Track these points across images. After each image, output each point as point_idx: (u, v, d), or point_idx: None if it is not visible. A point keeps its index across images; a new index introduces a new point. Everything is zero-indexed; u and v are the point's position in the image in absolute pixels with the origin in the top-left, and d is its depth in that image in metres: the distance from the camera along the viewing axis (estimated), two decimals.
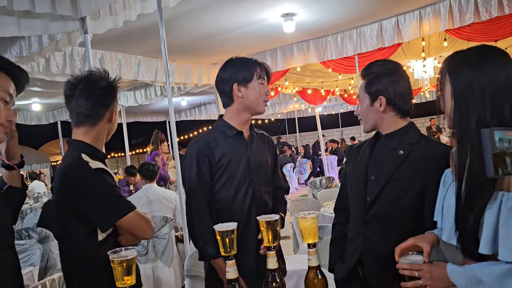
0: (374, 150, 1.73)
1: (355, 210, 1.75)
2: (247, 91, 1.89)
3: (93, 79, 1.67)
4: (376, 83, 1.69)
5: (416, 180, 1.58)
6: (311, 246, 1.48)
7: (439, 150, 1.57)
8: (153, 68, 6.15)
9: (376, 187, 1.64)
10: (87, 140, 1.66)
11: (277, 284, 1.46)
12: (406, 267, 1.30)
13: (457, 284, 1.19)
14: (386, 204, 1.63)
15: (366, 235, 1.67)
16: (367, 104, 1.71)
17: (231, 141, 1.92)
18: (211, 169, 1.88)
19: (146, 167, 4.49)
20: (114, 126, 1.76)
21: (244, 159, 1.90)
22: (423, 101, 13.14)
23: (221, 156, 1.88)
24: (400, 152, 1.63)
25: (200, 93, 8.70)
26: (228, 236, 1.43)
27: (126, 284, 1.20)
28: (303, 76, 8.12)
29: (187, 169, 1.92)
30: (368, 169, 1.70)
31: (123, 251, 1.23)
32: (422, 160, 1.58)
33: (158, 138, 6.30)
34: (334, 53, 6.08)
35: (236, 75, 1.89)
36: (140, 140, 20.49)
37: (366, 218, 1.67)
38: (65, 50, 4.81)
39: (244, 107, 1.92)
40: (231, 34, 5.53)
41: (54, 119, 9.59)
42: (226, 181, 1.89)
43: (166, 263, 4.20)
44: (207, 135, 1.97)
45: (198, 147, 1.89)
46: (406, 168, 1.60)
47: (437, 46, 6.69)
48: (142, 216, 1.61)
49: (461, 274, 1.18)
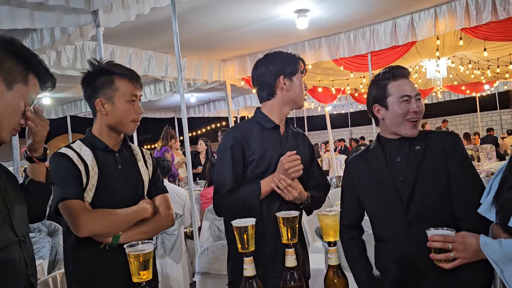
0: (388, 153, 1.73)
1: (390, 218, 1.70)
2: (292, 84, 1.86)
3: (86, 70, 1.73)
4: None
5: (440, 167, 1.65)
6: (331, 245, 1.43)
7: (449, 137, 1.73)
8: (164, 64, 6.13)
9: (409, 185, 1.65)
10: (93, 130, 1.74)
11: (295, 283, 1.41)
12: (439, 239, 1.29)
13: (489, 257, 1.18)
14: (424, 197, 1.63)
15: (415, 235, 1.61)
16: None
17: (266, 135, 1.86)
18: (245, 160, 1.83)
19: (160, 163, 4.46)
20: (115, 118, 1.70)
21: (276, 155, 1.82)
22: (435, 101, 13.00)
23: (254, 149, 1.83)
24: (417, 148, 1.69)
25: (209, 90, 8.67)
26: (245, 232, 1.38)
27: (142, 279, 1.16)
28: (314, 74, 8.05)
29: (220, 158, 1.87)
30: (392, 172, 1.69)
31: (139, 245, 1.19)
32: (439, 149, 1.67)
33: (169, 134, 6.28)
34: (347, 51, 6.01)
35: (283, 67, 1.85)
36: (148, 137, 20.53)
37: (408, 218, 1.64)
38: (76, 44, 4.80)
39: (287, 100, 1.87)
40: (242, 30, 5.48)
41: (64, 114, 9.62)
42: (257, 176, 1.82)
43: (175, 259, 4.17)
44: (243, 125, 1.94)
45: (234, 136, 1.84)
46: (428, 159, 1.67)
47: (452, 45, 6.59)
48: (73, 209, 1.57)
49: (495, 247, 1.17)
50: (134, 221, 1.69)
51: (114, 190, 1.70)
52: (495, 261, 1.16)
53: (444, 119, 14.51)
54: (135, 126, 1.76)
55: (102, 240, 1.63)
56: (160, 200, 1.83)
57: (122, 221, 1.65)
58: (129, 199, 1.72)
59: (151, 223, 1.75)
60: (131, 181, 1.76)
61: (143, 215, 1.72)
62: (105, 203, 1.65)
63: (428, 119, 16.76)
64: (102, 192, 1.67)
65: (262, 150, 1.82)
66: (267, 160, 1.82)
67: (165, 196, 1.87)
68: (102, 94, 1.69)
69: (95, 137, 1.73)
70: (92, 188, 1.65)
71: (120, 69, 1.72)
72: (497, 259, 1.16)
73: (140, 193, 1.79)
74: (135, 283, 1.17)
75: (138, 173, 1.80)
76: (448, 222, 1.60)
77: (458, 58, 8.31)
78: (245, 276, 1.37)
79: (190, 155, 3.98)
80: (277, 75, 1.84)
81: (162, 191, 1.87)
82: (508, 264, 1.13)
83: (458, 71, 9.06)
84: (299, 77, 1.87)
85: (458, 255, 1.24)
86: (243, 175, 1.83)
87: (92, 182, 1.65)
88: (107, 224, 1.62)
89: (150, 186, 1.84)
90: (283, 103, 1.87)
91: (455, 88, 11.36)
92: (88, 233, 1.58)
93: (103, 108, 1.69)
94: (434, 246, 1.31)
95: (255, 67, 1.91)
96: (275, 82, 1.85)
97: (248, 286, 1.37)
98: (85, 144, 1.72)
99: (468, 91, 11.58)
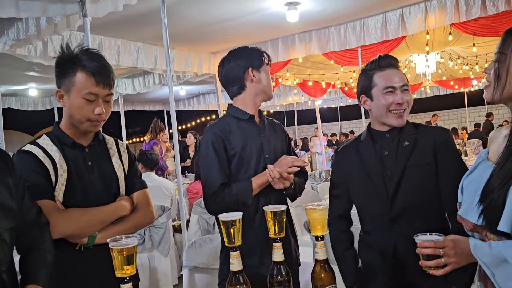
0: (377, 147, 1.72)
1: (374, 212, 1.70)
2: (260, 76, 1.92)
3: (60, 52, 1.61)
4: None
5: (428, 164, 1.63)
6: (319, 239, 1.42)
7: (439, 133, 1.71)
8: (153, 56, 6.05)
9: (395, 181, 1.64)
10: (61, 124, 1.64)
11: (282, 277, 1.40)
12: (429, 245, 1.24)
13: (479, 260, 1.15)
14: (408, 194, 1.62)
15: (398, 232, 1.62)
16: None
17: (244, 126, 1.90)
18: (227, 154, 1.85)
19: (148, 156, 4.41)
20: (70, 113, 1.59)
21: (257, 145, 1.88)
22: (423, 96, 13.08)
23: (235, 142, 1.86)
24: (405, 143, 1.67)
25: (199, 83, 8.60)
26: (232, 226, 1.36)
27: (126, 274, 1.14)
28: (304, 67, 8.04)
29: (204, 155, 1.86)
30: (381, 166, 1.68)
31: (123, 239, 1.16)
32: (427, 144, 1.65)
33: (157, 127, 6.23)
34: (337, 45, 5.99)
35: (251, 61, 1.91)
36: (137, 129, 20.37)
37: (392, 214, 1.64)
38: (63, 34, 4.71)
39: (257, 92, 1.93)
40: (232, 23, 5.43)
41: (51, 105, 9.49)
42: (241, 167, 1.85)
43: (163, 253, 4.15)
44: (221, 120, 1.98)
45: (213, 132, 1.86)
46: (416, 156, 1.65)
47: (442, 40, 6.62)
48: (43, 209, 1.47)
49: (485, 250, 1.14)
50: (110, 219, 1.59)
51: (85, 188, 1.59)
52: (486, 264, 1.13)
53: (434, 114, 14.63)
54: (94, 126, 1.61)
55: (76, 241, 1.54)
56: (138, 196, 1.73)
57: (97, 220, 1.55)
58: (102, 197, 1.61)
59: (129, 221, 1.65)
60: (103, 178, 1.64)
61: (120, 213, 1.63)
62: (77, 202, 1.56)
63: (416, 113, 16.88)
64: (72, 191, 1.56)
65: (243, 141, 1.86)
66: (249, 150, 1.86)
67: (144, 192, 1.76)
68: (63, 84, 1.58)
69: (62, 132, 1.62)
70: (62, 187, 1.54)
71: (88, 61, 1.55)
72: (488, 262, 1.13)
73: (115, 190, 1.67)
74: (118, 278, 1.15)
75: (112, 169, 1.68)
76: (432, 220, 1.62)
77: (447, 53, 8.36)
78: (232, 271, 1.36)
79: (178, 148, 3.95)
80: (246, 68, 1.89)
81: (140, 187, 1.76)
82: (499, 267, 1.11)
83: (447, 66, 9.11)
84: (265, 69, 1.94)
85: (449, 260, 1.21)
86: (230, 169, 1.85)
87: (61, 180, 1.54)
88: (80, 224, 1.52)
89: (127, 181, 1.72)
90: (255, 94, 1.93)
91: (443, 83, 11.44)
92: (59, 234, 1.47)
93: (61, 100, 1.60)
94: (424, 253, 1.25)
95: (222, 65, 1.95)
96: (244, 75, 1.90)
97: (235, 281, 1.36)
98: (51, 139, 1.59)
99: (456, 86, 11.67)
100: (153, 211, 1.77)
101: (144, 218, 1.71)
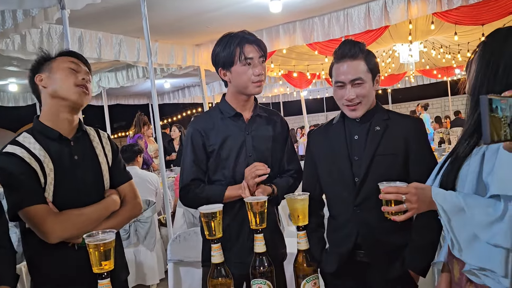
0: (348, 130, 1.69)
1: (341, 195, 1.68)
2: (231, 76, 1.80)
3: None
4: (373, 59, 1.65)
5: (398, 152, 1.62)
6: (300, 229, 1.42)
7: (411, 121, 1.69)
8: (135, 48, 5.95)
9: (363, 167, 1.61)
10: (42, 118, 1.59)
11: (264, 268, 1.40)
12: (392, 190, 1.26)
13: (439, 205, 1.20)
14: (375, 182, 1.56)
15: (361, 217, 1.62)
16: (370, 85, 1.64)
17: (228, 122, 1.84)
18: (205, 150, 1.82)
19: (125, 148, 4.36)
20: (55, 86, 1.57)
21: (239, 142, 1.81)
22: (408, 86, 13.19)
23: (214, 139, 1.81)
24: (377, 128, 1.65)
25: (184, 75, 8.52)
26: (213, 218, 1.36)
27: (104, 269, 1.12)
28: (289, 58, 8.01)
29: (184, 148, 1.88)
30: (349, 150, 1.66)
31: (100, 235, 1.14)
32: (399, 132, 1.63)
33: (141, 121, 6.17)
34: (321, 35, 5.97)
35: (219, 59, 1.80)
36: (122, 124, 20.15)
37: (358, 200, 1.63)
38: (42, 27, 4.60)
39: (236, 90, 1.83)
40: (214, 14, 5.37)
41: (33, 101, 9.28)
42: (218, 164, 1.81)
43: (149, 247, 4.13)
44: (206, 114, 1.96)
45: (194, 127, 1.85)
46: (386, 142, 1.63)
47: (424, 29, 6.66)
48: (37, 215, 1.45)
49: (446, 197, 1.20)
50: (104, 216, 1.59)
51: (74, 184, 1.57)
52: (445, 211, 1.18)
53: (419, 103, 14.73)
54: (83, 95, 1.60)
55: (71, 241, 1.53)
56: (125, 189, 1.73)
57: (93, 219, 1.55)
58: (91, 191, 1.61)
59: (119, 215, 1.65)
60: (90, 171, 1.63)
61: (113, 208, 1.63)
62: (66, 199, 1.53)
63: (401, 103, 17.03)
64: (61, 188, 1.53)
65: (223, 138, 1.80)
66: (227, 148, 1.80)
67: (130, 183, 1.76)
68: (41, 69, 1.60)
69: (45, 126, 1.57)
70: (50, 186, 1.51)
71: (64, 52, 1.67)
72: (447, 208, 1.18)
73: (102, 183, 1.66)
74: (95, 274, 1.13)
75: (97, 161, 1.66)
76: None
77: (430, 42, 8.42)
78: (213, 263, 1.35)
79: (162, 142, 3.92)
80: (217, 67, 1.82)
81: (127, 179, 1.76)
82: (456, 215, 1.17)
83: (430, 55, 9.18)
84: (237, 68, 1.76)
85: (411, 206, 1.23)
86: (207, 165, 1.82)
87: (49, 179, 1.51)
88: (77, 226, 1.50)
89: (112, 173, 1.71)
90: (236, 92, 1.83)
91: (427, 72, 11.54)
92: (58, 239, 1.47)
93: (41, 81, 1.58)
94: (387, 198, 1.28)
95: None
96: (220, 73, 1.83)
97: (216, 273, 1.35)
98: (33, 136, 1.55)
99: (439, 75, 11.78)
100: (141, 202, 1.79)
101: (133, 211, 1.74)
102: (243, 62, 1.74)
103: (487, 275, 1.15)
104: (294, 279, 1.47)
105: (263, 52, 1.79)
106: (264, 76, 1.80)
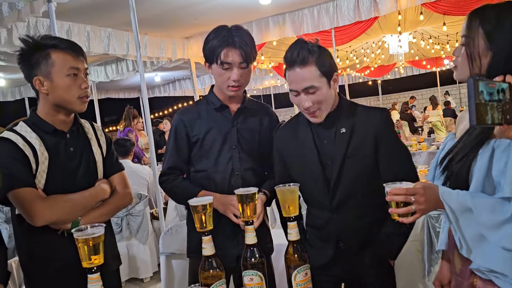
0: (315, 133, 1.63)
1: (318, 198, 1.66)
2: (214, 73, 1.81)
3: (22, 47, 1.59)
4: (326, 60, 1.54)
5: (368, 152, 1.57)
6: (291, 220, 1.43)
7: (378, 115, 1.60)
8: (125, 42, 5.89)
9: (335, 171, 1.58)
10: (39, 111, 1.62)
11: (256, 260, 1.42)
12: (401, 191, 1.19)
13: (446, 204, 1.18)
14: (350, 184, 1.58)
15: (339, 220, 1.61)
16: (327, 88, 1.54)
17: (214, 114, 1.86)
18: (188, 140, 1.85)
19: (118, 142, 4.35)
20: (58, 96, 1.58)
21: (223, 134, 1.83)
22: (397, 77, 13.25)
23: (199, 129, 1.84)
24: (342, 130, 1.59)
25: (174, 68, 8.47)
26: (203, 210, 1.36)
27: (93, 264, 1.12)
28: (279, 50, 7.98)
29: (168, 138, 1.93)
30: (320, 155, 1.61)
31: (89, 229, 1.14)
32: (367, 131, 1.57)
33: (131, 114, 6.13)
34: (311, 27, 5.97)
35: (204, 53, 1.81)
36: (113, 118, 19.99)
37: (334, 204, 1.61)
38: (29, 21, 4.53)
39: (217, 86, 1.87)
40: (203, 6, 5.33)
41: (21, 96, 9.17)
42: (202, 154, 1.85)
43: (141, 240, 4.13)
44: (192, 105, 1.98)
45: (179, 118, 1.88)
46: (355, 143, 1.57)
47: (413, 20, 6.68)
48: (25, 197, 1.47)
49: (453, 196, 1.18)
50: (92, 204, 1.63)
51: (68, 174, 1.62)
52: (453, 209, 1.16)
53: (412, 96, 14.76)
54: (84, 103, 1.64)
55: (59, 227, 1.55)
56: (117, 178, 1.78)
57: (80, 205, 1.58)
58: (83, 182, 1.65)
59: (109, 203, 1.70)
60: (85, 162, 1.67)
61: (101, 196, 1.67)
62: (59, 188, 1.57)
63: (391, 94, 17.09)
64: (54, 177, 1.57)
65: (207, 129, 1.83)
66: (211, 138, 1.82)
67: (121, 174, 1.81)
68: (38, 71, 1.56)
69: (41, 119, 1.61)
70: (43, 174, 1.54)
71: (55, 41, 1.59)
72: (454, 207, 1.16)
73: (95, 174, 1.71)
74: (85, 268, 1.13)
75: (92, 153, 1.71)
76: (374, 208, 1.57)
77: (419, 33, 8.45)
78: (205, 256, 1.36)
79: (152, 135, 3.90)
80: (205, 60, 1.81)
81: (118, 169, 1.81)
82: (463, 214, 1.15)
83: (419, 46, 9.22)
84: (217, 68, 1.75)
85: (419, 207, 1.18)
86: (190, 152, 1.87)
87: (43, 168, 1.54)
88: (64, 211, 1.53)
89: (105, 164, 1.76)
90: (219, 87, 1.84)
91: (416, 63, 11.59)
92: (45, 222, 1.49)
93: (43, 86, 1.58)
94: (396, 200, 1.20)
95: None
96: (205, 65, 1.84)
97: (208, 265, 1.36)
98: (29, 126, 1.58)
99: (429, 66, 11.84)
100: (131, 192, 1.83)
101: (123, 200, 1.77)
102: (220, 65, 1.74)
103: (498, 277, 1.13)
104: (285, 270, 1.49)
105: (246, 58, 1.74)
106: (245, 81, 1.78)
